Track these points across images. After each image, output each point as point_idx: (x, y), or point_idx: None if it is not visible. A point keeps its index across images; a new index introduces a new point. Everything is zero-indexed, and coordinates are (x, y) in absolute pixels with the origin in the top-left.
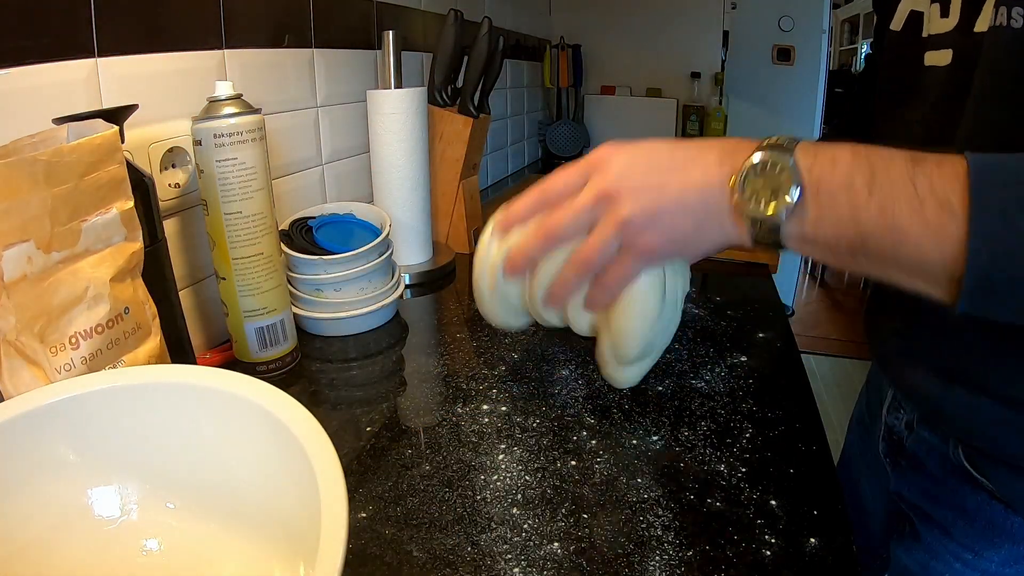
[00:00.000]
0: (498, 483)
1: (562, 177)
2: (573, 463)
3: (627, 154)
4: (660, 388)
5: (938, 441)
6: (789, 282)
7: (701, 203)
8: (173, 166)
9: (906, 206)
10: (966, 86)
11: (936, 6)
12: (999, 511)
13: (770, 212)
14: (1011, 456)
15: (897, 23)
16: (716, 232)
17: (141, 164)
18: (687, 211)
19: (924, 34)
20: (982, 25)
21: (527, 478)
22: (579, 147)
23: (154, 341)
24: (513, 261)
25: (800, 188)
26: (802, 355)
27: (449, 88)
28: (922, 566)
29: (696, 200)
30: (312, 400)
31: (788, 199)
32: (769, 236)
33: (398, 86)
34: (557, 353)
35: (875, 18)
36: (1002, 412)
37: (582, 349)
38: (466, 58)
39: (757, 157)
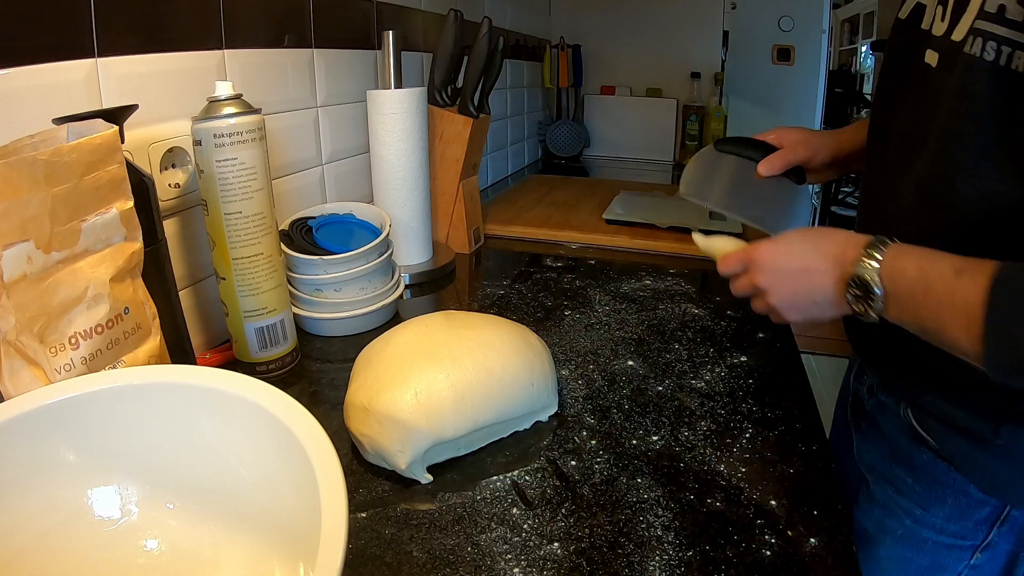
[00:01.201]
0: (498, 483)
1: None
2: (573, 463)
3: (771, 260)
4: (660, 388)
5: (892, 403)
6: None
7: (822, 301)
8: (173, 166)
9: (947, 314)
10: (941, 94)
11: (940, 8)
12: (943, 469)
13: (860, 310)
14: (952, 417)
15: (904, 12)
16: (830, 314)
17: (141, 164)
18: (813, 305)
19: (929, 30)
20: (958, 35)
21: (527, 478)
22: (579, 147)
23: (154, 341)
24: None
25: (882, 293)
26: (802, 355)
27: (449, 88)
28: (878, 525)
29: (819, 300)
30: (312, 400)
31: (872, 303)
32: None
33: (398, 86)
34: (557, 354)
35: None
36: (943, 377)
37: (581, 350)
38: (466, 58)
39: (858, 269)
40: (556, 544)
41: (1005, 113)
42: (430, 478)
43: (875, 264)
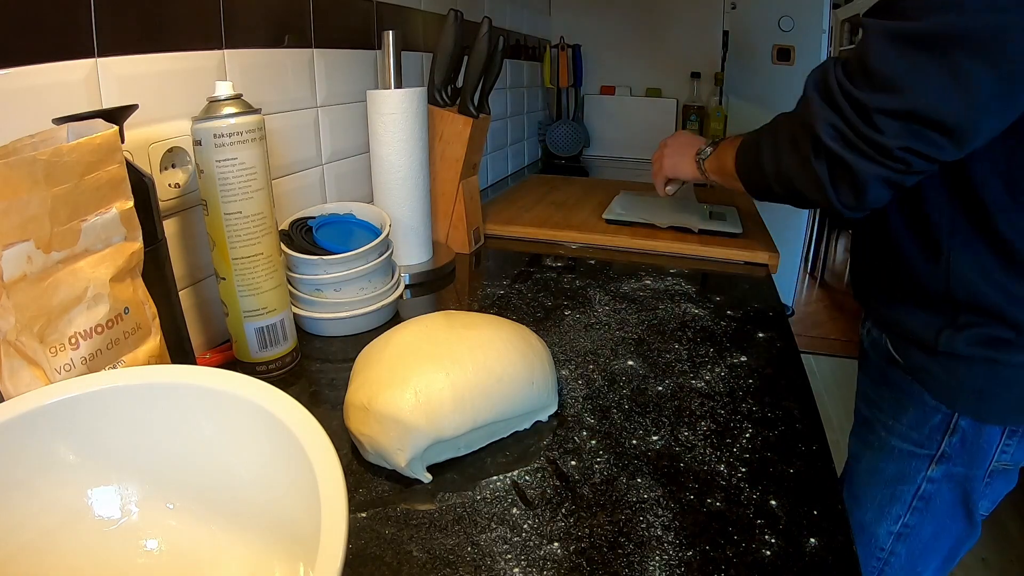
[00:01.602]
0: (498, 483)
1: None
2: (573, 463)
3: (671, 138)
4: (660, 388)
5: (878, 335)
6: (789, 282)
7: (686, 151)
8: (173, 166)
9: (730, 149)
10: None
11: None
12: (908, 382)
13: (698, 157)
14: (913, 337)
15: None
16: (687, 161)
17: (141, 164)
18: (682, 154)
19: None
20: None
21: (527, 478)
22: (579, 147)
23: (154, 341)
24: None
25: (714, 146)
26: (802, 355)
27: (449, 88)
28: (862, 443)
29: (685, 151)
30: (312, 400)
31: (706, 148)
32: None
33: (398, 86)
34: (557, 354)
35: None
36: (903, 303)
37: (581, 349)
38: (466, 58)
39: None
40: (556, 544)
41: None
42: (430, 477)
43: (726, 137)
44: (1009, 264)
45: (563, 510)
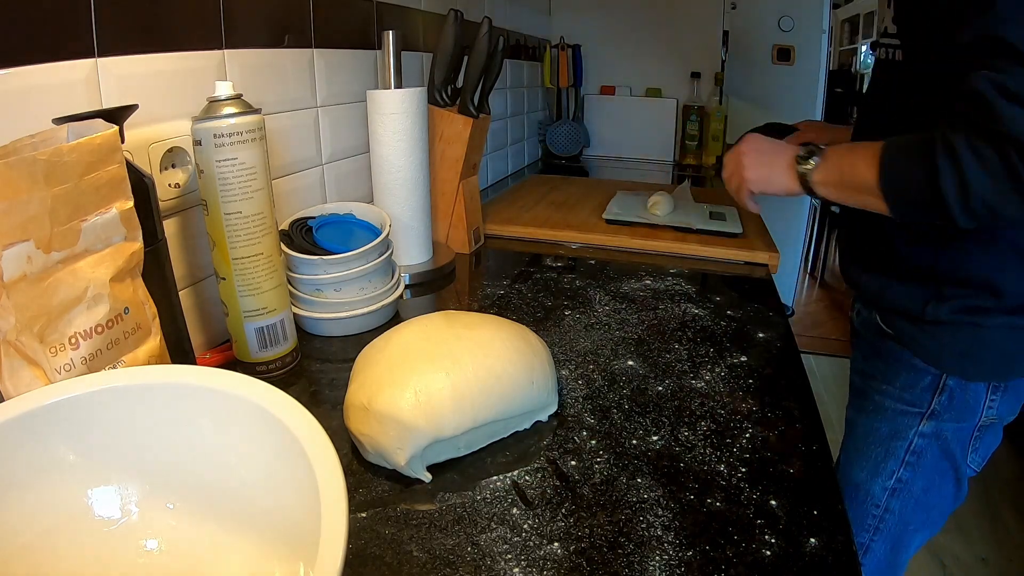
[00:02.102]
0: (498, 483)
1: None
2: (573, 463)
3: (748, 139)
4: (660, 388)
5: (868, 313)
6: (789, 282)
7: (777, 163)
8: (173, 166)
9: (860, 160)
10: (877, 89)
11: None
12: (897, 349)
13: (802, 170)
14: (901, 310)
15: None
16: (780, 174)
17: (141, 164)
18: (770, 165)
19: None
20: (880, 54)
21: (527, 478)
22: (579, 147)
23: (154, 341)
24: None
25: (821, 153)
26: (802, 355)
27: (449, 88)
28: (858, 409)
29: (776, 161)
30: (312, 400)
31: (813, 158)
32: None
33: (398, 86)
34: (557, 354)
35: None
36: (890, 282)
37: (581, 350)
38: (466, 58)
39: (807, 144)
40: (556, 544)
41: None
42: (429, 476)
43: (823, 144)
44: (992, 240)
45: (563, 510)
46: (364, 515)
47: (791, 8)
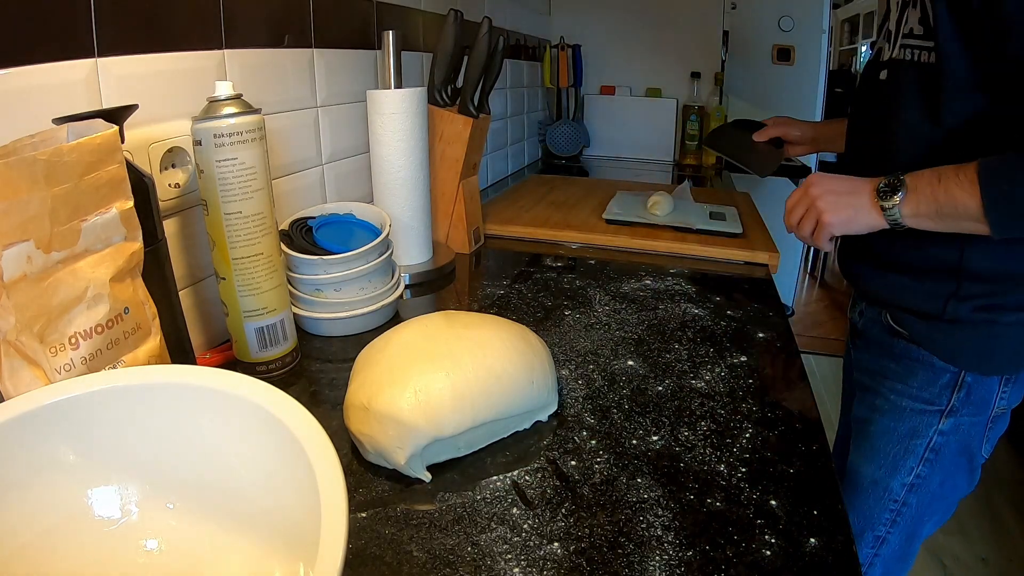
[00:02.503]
0: (498, 483)
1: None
2: (573, 463)
3: (822, 177)
4: (660, 388)
5: (875, 314)
6: (789, 282)
7: (859, 203)
8: (173, 166)
9: (955, 187)
10: (889, 90)
11: (886, 43)
12: (913, 349)
13: (887, 204)
14: (915, 310)
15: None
16: (864, 214)
17: (141, 164)
18: (851, 206)
19: (881, 59)
20: (895, 54)
21: (527, 478)
22: (579, 147)
23: (154, 341)
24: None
25: (905, 185)
26: (802, 355)
27: (449, 88)
28: (870, 408)
29: (857, 202)
30: (312, 400)
31: (897, 192)
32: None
33: (398, 86)
34: (557, 354)
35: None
36: (904, 281)
37: (581, 350)
38: (466, 58)
39: (887, 176)
40: (556, 544)
41: (920, 83)
42: (429, 476)
43: (899, 175)
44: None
45: (563, 510)
46: (364, 515)
47: (791, 8)
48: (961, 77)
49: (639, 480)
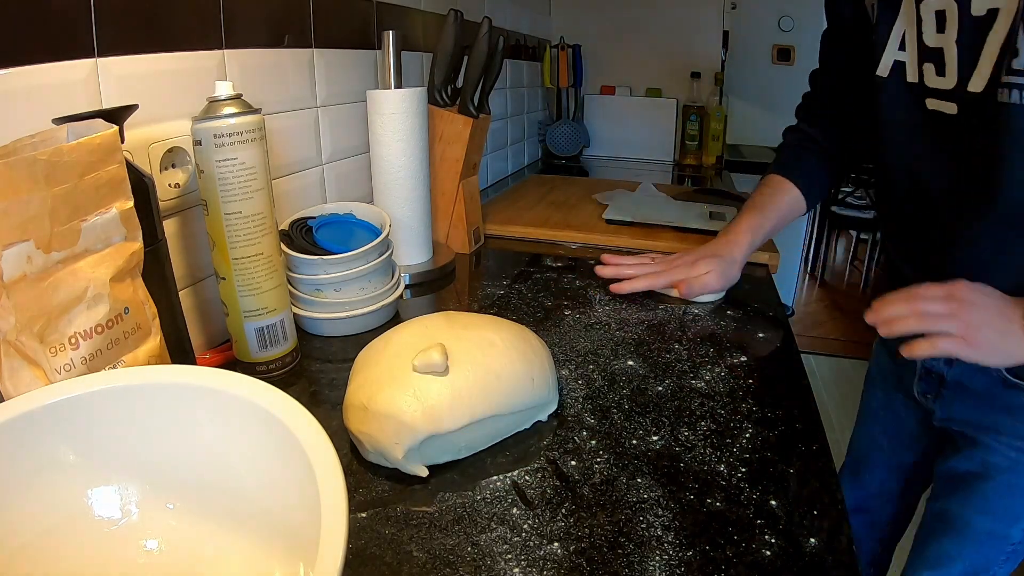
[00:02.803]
0: (498, 483)
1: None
2: (573, 463)
3: (974, 286)
4: (660, 388)
5: (979, 365)
6: (789, 282)
7: (1009, 329)
8: (173, 166)
9: None
10: (974, 131)
11: (931, 66)
12: None
13: None
14: None
15: (883, 71)
16: (1014, 339)
17: (141, 164)
18: (1001, 332)
19: (926, 84)
20: (976, 86)
21: (527, 478)
22: (579, 147)
23: (154, 341)
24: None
25: None
26: (802, 355)
27: (449, 88)
28: (982, 464)
29: (1007, 327)
30: (312, 400)
31: None
32: None
33: (398, 86)
34: (557, 354)
35: (826, 47)
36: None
37: (581, 350)
38: (466, 58)
39: None
40: (556, 544)
41: None
42: (426, 472)
43: None
44: None
45: (563, 510)
46: (364, 515)
47: (791, 8)
48: None
49: (639, 480)
